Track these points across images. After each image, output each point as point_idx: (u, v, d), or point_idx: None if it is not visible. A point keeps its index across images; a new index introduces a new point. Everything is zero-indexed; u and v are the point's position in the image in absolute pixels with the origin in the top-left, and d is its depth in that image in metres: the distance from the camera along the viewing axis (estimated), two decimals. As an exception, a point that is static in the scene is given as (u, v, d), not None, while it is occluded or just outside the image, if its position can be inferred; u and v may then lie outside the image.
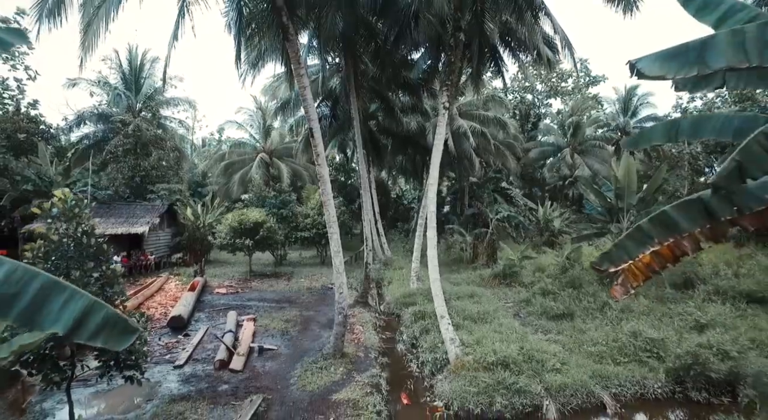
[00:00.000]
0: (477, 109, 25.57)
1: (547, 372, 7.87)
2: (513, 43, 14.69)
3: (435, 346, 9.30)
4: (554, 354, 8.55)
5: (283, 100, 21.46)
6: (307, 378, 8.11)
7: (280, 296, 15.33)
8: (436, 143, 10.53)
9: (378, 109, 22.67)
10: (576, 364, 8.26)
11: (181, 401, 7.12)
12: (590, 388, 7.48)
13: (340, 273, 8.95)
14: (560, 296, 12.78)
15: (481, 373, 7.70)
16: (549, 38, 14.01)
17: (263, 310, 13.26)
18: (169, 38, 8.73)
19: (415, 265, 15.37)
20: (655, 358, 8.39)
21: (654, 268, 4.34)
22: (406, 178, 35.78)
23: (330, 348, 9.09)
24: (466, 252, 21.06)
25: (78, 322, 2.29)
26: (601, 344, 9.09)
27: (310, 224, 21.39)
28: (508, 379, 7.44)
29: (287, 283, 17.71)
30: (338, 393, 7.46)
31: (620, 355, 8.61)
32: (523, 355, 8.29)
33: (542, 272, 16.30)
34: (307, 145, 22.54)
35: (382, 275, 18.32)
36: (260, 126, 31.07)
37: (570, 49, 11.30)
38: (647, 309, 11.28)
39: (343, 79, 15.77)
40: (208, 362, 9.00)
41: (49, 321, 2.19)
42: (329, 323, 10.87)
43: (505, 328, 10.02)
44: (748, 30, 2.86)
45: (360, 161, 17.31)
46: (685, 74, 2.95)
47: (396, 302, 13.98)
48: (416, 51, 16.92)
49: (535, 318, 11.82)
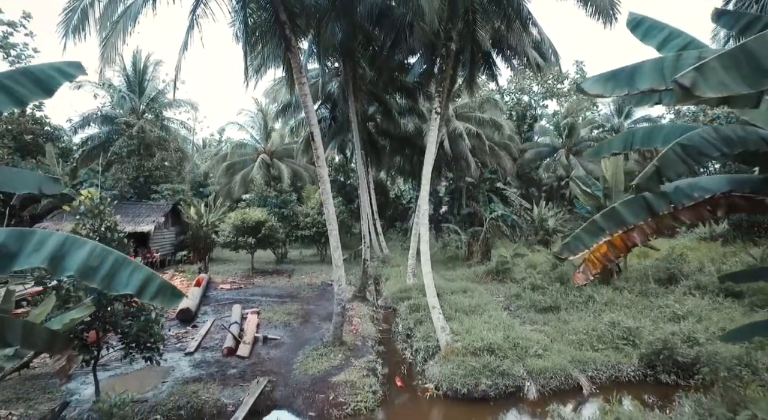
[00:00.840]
0: (473, 111, 26.22)
1: (529, 357, 8.55)
2: (505, 49, 15.33)
3: (428, 335, 9.96)
4: (537, 341, 9.22)
5: (284, 103, 22.13)
6: (309, 363, 8.78)
7: (281, 292, 15.99)
8: (429, 146, 11.21)
9: (376, 112, 23.33)
10: (557, 350, 8.93)
11: (194, 382, 7.78)
12: (568, 372, 8.15)
13: (338, 266, 9.61)
14: (548, 291, 13.47)
15: (469, 358, 8.37)
16: (539, 45, 14.69)
17: (266, 305, 13.91)
18: (180, 48, 9.39)
19: (411, 262, 16.02)
20: (630, 345, 9.05)
21: (609, 257, 5.00)
22: (405, 178, 36.37)
23: (329, 337, 9.75)
24: (461, 250, 21.73)
25: (142, 287, 2.97)
26: (581, 333, 9.76)
27: (310, 223, 22.03)
28: (493, 363, 8.11)
29: (288, 280, 18.36)
30: (337, 376, 8.13)
31: (598, 343, 9.28)
32: (508, 342, 8.98)
33: (534, 269, 16.99)
34: (307, 146, 23.19)
35: (380, 272, 18.96)
36: (261, 127, 31.72)
37: (556, 56, 11.96)
38: (630, 302, 11.95)
39: (341, 83, 16.44)
40: (216, 350, 9.66)
41: (122, 285, 2.86)
42: (329, 316, 11.49)
43: (494, 319, 10.68)
44: (667, 58, 3.50)
45: (358, 162, 17.97)
46: (618, 93, 3.61)
47: (393, 297, 14.64)
48: (413, 55, 17.58)
49: (524, 311, 12.49)
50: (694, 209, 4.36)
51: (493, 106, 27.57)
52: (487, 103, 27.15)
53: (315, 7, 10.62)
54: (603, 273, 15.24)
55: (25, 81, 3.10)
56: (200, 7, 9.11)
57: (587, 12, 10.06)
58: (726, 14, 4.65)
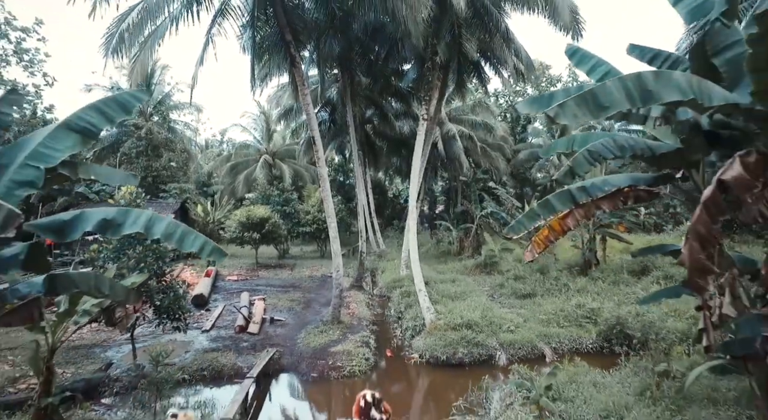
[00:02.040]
0: (466, 114, 27.51)
1: (502, 332, 9.87)
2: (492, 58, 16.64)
3: (416, 316, 11.25)
4: (511, 320, 10.53)
5: (287, 107, 23.48)
6: (311, 338, 10.08)
7: (285, 282, 17.29)
8: (416, 149, 12.53)
9: (373, 115, 24.63)
10: (527, 327, 10.24)
11: (213, 352, 9.08)
12: (535, 344, 9.46)
13: (337, 255, 10.92)
14: (528, 280, 14.77)
15: (450, 332, 9.67)
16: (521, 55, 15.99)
17: (271, 293, 15.21)
18: (196, 62, 10.65)
19: (405, 255, 17.31)
20: (591, 323, 10.36)
21: (550, 238, 6.27)
22: (402, 178, 37.66)
23: (329, 316, 11.06)
24: (453, 245, 23.03)
25: (201, 247, 4.23)
26: (551, 314, 11.06)
27: (311, 220, 23.34)
28: (470, 336, 9.42)
29: (290, 273, 19.67)
30: (335, 347, 9.43)
31: (564, 321, 10.59)
32: (485, 320, 10.28)
33: (519, 262, 18.27)
34: (308, 147, 24.47)
35: (376, 265, 20.25)
36: (263, 129, 33.06)
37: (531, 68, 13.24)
38: (601, 290, 13.22)
39: (340, 89, 17.74)
40: (229, 328, 10.96)
41: (189, 245, 4.13)
42: (328, 303, 12.76)
43: (476, 303, 11.95)
44: (572, 89, 4.77)
45: (355, 163, 19.30)
46: (539, 111, 4.88)
47: (387, 286, 15.94)
48: (407, 63, 18.89)
49: (505, 298, 13.81)
50: (610, 199, 5.65)
51: (485, 110, 28.83)
52: (479, 107, 28.42)
53: (315, 24, 11.92)
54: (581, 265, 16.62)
55: (113, 105, 4.37)
56: (215, 27, 10.41)
57: (556, 28, 11.37)
58: (636, 48, 5.93)
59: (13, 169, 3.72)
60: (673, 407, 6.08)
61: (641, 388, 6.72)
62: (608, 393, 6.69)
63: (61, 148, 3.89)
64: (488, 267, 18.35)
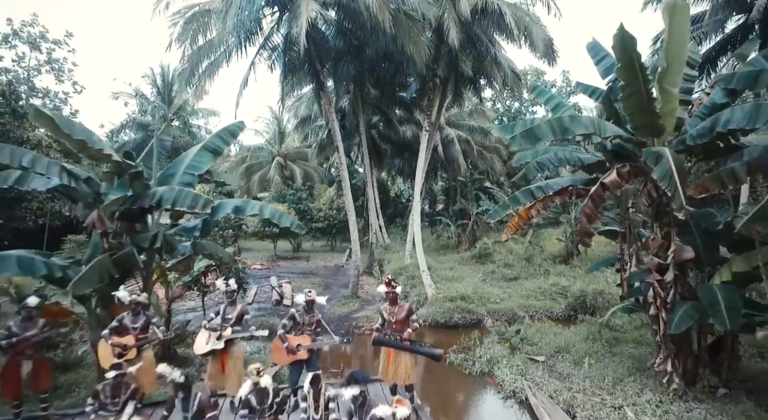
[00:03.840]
0: (463, 120, 29.91)
1: (489, 303, 12.27)
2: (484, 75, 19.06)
3: (420, 292, 13.66)
4: (497, 295, 12.95)
5: (303, 116, 25.95)
6: (335, 308, 12.50)
7: (303, 270, 19.72)
8: (420, 154, 14.92)
9: (379, 121, 27.02)
10: (510, 300, 12.64)
11: (259, 316, 11.48)
12: (515, 311, 11.86)
13: (355, 242, 13.35)
14: (516, 267, 17.18)
15: (447, 302, 12.08)
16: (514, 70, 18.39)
17: (293, 279, 17.59)
18: (240, 85, 13.08)
19: (409, 246, 19.66)
20: (563, 297, 12.75)
21: (520, 224, 8.66)
22: (404, 178, 40.02)
23: (348, 293, 13.47)
24: (451, 239, 25.45)
25: (291, 223, 6.64)
26: (530, 291, 13.45)
27: (323, 217, 25.74)
28: (464, 305, 11.82)
29: (307, 263, 22.10)
30: (356, 314, 11.87)
31: (541, 296, 12.98)
32: (476, 294, 12.68)
33: (510, 253, 20.68)
34: (320, 150, 26.91)
35: (382, 256, 22.65)
36: (275, 133, 35.49)
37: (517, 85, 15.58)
38: (577, 274, 15.60)
39: (351, 100, 20.11)
40: (266, 302, 13.37)
41: (285, 221, 6.51)
42: (345, 285, 15.19)
43: (470, 283, 14.38)
44: (528, 121, 7.12)
45: (366, 166, 21.72)
46: (506, 136, 7.26)
47: (393, 273, 18.28)
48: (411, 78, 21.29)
49: (495, 281, 16.20)
50: (560, 194, 8.02)
51: (482, 115, 31.23)
52: (476, 113, 30.81)
53: (335, 51, 14.32)
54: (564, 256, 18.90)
55: (226, 133, 6.76)
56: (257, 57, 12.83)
57: (536, 56, 13.77)
58: (580, 85, 8.34)
59: (179, 175, 6.13)
60: (605, 344, 8.49)
61: (587, 334, 9.13)
62: (562, 338, 9.10)
63: (204, 161, 6.31)
64: (482, 258, 20.72)
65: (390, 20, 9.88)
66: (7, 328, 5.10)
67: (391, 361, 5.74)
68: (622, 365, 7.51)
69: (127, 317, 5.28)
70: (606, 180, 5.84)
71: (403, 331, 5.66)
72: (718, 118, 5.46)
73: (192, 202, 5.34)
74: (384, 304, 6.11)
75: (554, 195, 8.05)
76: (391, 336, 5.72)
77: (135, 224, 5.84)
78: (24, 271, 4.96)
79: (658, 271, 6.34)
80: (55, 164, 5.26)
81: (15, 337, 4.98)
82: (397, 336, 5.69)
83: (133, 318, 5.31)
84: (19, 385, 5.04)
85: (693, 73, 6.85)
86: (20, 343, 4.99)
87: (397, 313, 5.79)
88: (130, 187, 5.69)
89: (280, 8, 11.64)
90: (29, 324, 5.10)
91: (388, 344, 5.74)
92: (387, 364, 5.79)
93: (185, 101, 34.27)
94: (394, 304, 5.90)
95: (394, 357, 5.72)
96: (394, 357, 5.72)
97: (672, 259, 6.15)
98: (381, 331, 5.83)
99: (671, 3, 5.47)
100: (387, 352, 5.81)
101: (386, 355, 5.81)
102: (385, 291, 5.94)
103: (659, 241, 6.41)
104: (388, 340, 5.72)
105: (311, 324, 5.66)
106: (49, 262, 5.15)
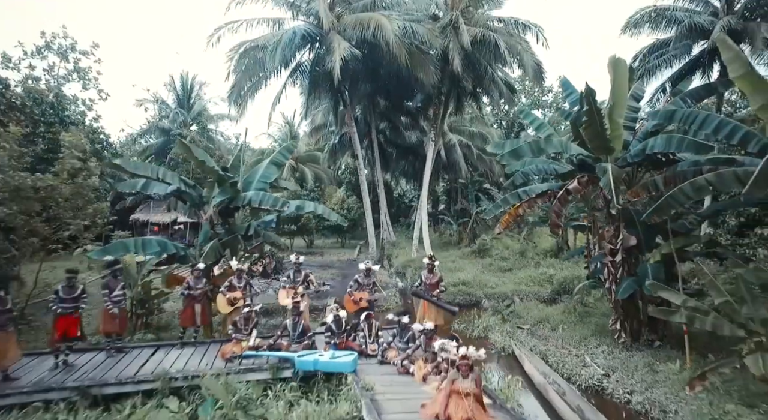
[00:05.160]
0: (464, 126, 32.09)
1: (486, 288, 14.47)
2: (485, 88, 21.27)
3: (426, 281, 15.80)
4: (493, 282, 15.14)
5: (318, 124, 28.30)
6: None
7: (320, 264, 21.87)
8: (427, 162, 17.14)
9: (386, 127, 29.27)
10: (504, 286, 14.82)
11: (293, 298, 13.64)
12: (508, 294, 14.03)
13: (371, 235, 15.54)
14: (511, 260, 19.36)
15: (450, 287, 14.23)
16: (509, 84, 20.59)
17: (314, 270, 19.72)
18: (272, 103, 15.32)
19: (415, 242, 21.91)
20: (549, 283, 14.92)
21: (510, 221, 10.82)
22: (407, 179, 42.20)
23: (365, 280, 15.61)
24: (453, 237, 27.63)
25: (337, 218, 8.78)
26: (522, 279, 15.64)
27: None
28: (465, 289, 14.03)
29: (321, 257, 24.26)
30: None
31: (531, 282, 15.17)
32: (475, 281, 14.88)
33: (507, 249, 22.85)
34: (331, 154, 29.26)
35: (390, 252, 24.85)
36: (287, 137, 37.71)
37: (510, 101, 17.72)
38: (564, 265, 17.75)
39: (363, 111, 22.36)
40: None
41: (329, 215, 8.65)
42: (360, 274, 17.33)
43: (470, 272, 16.56)
44: (518, 141, 9.25)
45: (377, 170, 24.02)
46: (499, 152, 9.41)
47: (401, 265, 20.53)
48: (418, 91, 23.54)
49: (492, 272, 18.35)
50: (542, 197, 10.19)
51: (481, 121, 33.39)
52: (476, 119, 32.97)
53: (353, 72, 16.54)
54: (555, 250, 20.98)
55: (285, 151, 8.94)
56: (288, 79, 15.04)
57: (527, 77, 15.95)
58: (563, 112, 10.50)
59: (255, 183, 8.31)
60: (578, 316, 10.67)
61: (564, 309, 11.31)
62: (544, 312, 11.29)
63: (272, 172, 8.49)
64: (481, 253, 22.85)
65: (406, 55, 12.05)
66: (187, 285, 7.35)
67: (426, 310, 8.44)
68: (587, 329, 9.69)
69: (234, 279, 7.54)
70: (570, 186, 8.02)
71: (434, 291, 8.33)
72: (647, 143, 7.63)
73: (273, 203, 7.52)
74: (423, 271, 8.97)
75: (537, 197, 10.21)
76: (426, 293, 8.03)
77: (229, 218, 7.98)
78: (162, 250, 7.15)
79: (611, 254, 8.52)
80: (175, 175, 7.41)
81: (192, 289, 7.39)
82: (431, 293, 8.16)
83: (237, 280, 7.56)
84: (194, 318, 7.50)
85: (638, 106, 9.04)
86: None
87: (431, 278, 8.49)
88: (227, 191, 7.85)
89: (311, 42, 13.82)
90: (198, 281, 7.40)
91: (422, 297, 8.15)
92: (423, 312, 8.50)
93: (204, 107, 36.58)
94: (430, 273, 8.63)
95: (427, 307, 8.26)
96: (427, 307, 8.27)
97: (620, 245, 8.33)
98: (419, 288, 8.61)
99: (614, 59, 7.67)
100: (422, 305, 8.43)
101: (422, 306, 8.47)
102: (427, 262, 8.88)
103: (611, 232, 8.59)
104: (422, 293, 8.07)
105: (369, 285, 8.02)
106: (176, 245, 7.34)
